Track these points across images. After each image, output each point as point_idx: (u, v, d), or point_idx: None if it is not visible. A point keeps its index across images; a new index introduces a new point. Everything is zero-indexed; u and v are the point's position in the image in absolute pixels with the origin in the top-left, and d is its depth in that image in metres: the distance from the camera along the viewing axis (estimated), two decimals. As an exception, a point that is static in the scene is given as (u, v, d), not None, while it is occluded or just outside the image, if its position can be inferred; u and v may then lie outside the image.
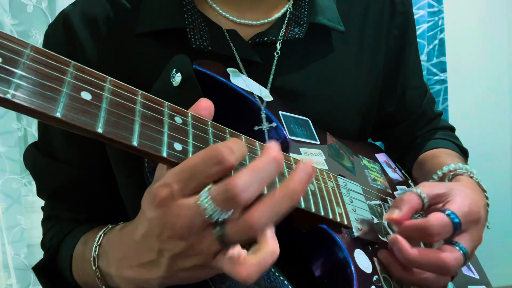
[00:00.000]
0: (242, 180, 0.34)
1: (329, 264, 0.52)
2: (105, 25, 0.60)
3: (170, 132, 0.38)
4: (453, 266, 0.49)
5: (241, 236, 0.36)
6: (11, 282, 1.40)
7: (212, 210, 0.35)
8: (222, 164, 0.35)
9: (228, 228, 0.35)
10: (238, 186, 0.34)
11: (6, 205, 1.42)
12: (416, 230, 0.49)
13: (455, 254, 0.49)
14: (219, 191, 0.35)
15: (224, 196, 0.34)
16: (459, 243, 0.50)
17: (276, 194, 0.36)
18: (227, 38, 0.59)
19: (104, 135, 0.34)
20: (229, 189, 0.34)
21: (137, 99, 0.38)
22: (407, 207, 0.50)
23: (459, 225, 0.49)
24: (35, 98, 0.31)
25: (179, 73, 0.49)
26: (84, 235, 0.59)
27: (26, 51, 0.32)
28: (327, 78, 0.65)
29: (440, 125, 0.81)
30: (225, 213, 0.35)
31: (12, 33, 1.41)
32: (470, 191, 0.54)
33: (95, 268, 0.49)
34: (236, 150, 0.36)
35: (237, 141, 0.37)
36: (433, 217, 0.49)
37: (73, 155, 0.63)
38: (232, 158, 0.35)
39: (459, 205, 0.51)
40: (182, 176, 0.36)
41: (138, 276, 0.41)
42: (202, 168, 0.35)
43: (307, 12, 0.63)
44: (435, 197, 0.52)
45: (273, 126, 0.55)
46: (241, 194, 0.34)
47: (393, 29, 0.72)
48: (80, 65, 0.35)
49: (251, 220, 0.35)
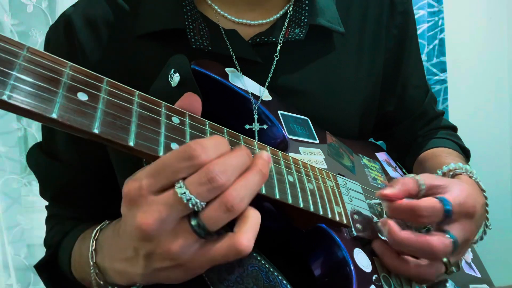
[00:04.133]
0: (217, 164, 0.35)
1: (329, 264, 0.51)
2: (105, 27, 0.61)
3: (167, 133, 0.38)
4: (440, 250, 0.49)
5: (221, 219, 0.35)
6: (11, 282, 1.40)
7: (189, 198, 0.34)
8: (192, 160, 0.35)
9: (206, 214, 0.35)
10: (214, 170, 0.34)
11: (6, 205, 1.42)
12: (406, 210, 0.50)
13: (443, 239, 0.50)
14: (194, 178, 0.34)
15: (200, 180, 0.34)
16: (449, 231, 0.51)
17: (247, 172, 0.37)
18: (227, 38, 0.59)
19: (101, 136, 0.34)
20: (205, 173, 0.34)
21: (134, 100, 0.38)
22: (401, 187, 0.51)
23: (450, 212, 0.50)
24: (31, 99, 0.31)
25: (177, 73, 0.49)
26: (83, 233, 0.60)
27: (22, 53, 0.32)
28: (326, 78, 0.65)
29: (442, 124, 0.81)
30: (201, 200, 0.34)
31: (12, 33, 1.41)
32: (469, 187, 0.55)
33: (93, 263, 0.49)
34: (211, 147, 0.36)
35: (215, 138, 0.37)
36: (424, 199, 0.50)
37: (75, 156, 0.64)
38: (204, 155, 0.35)
39: (455, 195, 0.52)
40: (152, 172, 0.35)
41: (125, 269, 0.41)
42: (172, 163, 0.35)
43: (307, 13, 0.63)
44: (432, 187, 0.53)
45: (263, 128, 0.55)
46: (217, 176, 0.34)
47: (393, 28, 0.72)
48: (77, 66, 0.35)
49: (230, 198, 0.35)
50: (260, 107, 0.55)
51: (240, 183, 0.36)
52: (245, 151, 0.38)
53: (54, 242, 0.65)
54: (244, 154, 0.37)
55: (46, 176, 0.67)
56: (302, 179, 0.49)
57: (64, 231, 0.64)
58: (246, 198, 0.36)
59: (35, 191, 0.70)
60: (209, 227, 0.36)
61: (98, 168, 0.64)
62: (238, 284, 0.47)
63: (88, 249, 0.50)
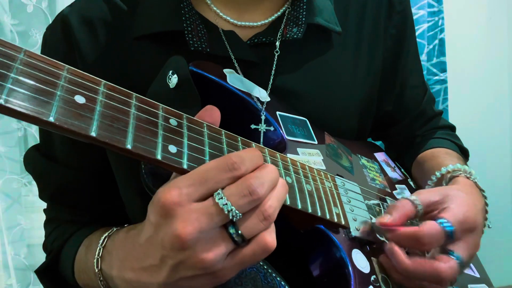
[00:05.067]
0: (257, 178, 0.37)
1: (327, 264, 0.52)
2: (102, 28, 0.60)
3: (164, 135, 0.38)
4: (448, 275, 0.49)
5: (259, 228, 0.38)
6: (11, 282, 1.41)
7: (230, 209, 0.36)
8: (233, 172, 0.37)
9: (245, 224, 0.37)
10: (255, 183, 0.37)
11: (6, 205, 1.42)
12: (408, 238, 0.50)
13: (449, 263, 0.49)
14: (235, 190, 0.36)
15: (242, 193, 0.36)
16: (453, 252, 0.50)
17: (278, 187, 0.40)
18: (225, 39, 0.59)
19: (98, 139, 0.34)
20: (246, 186, 0.36)
21: (132, 102, 0.37)
22: (399, 213, 0.51)
23: (452, 234, 0.50)
24: (28, 103, 0.31)
25: (175, 74, 0.49)
26: (87, 238, 0.59)
27: (19, 56, 0.32)
28: (324, 78, 0.65)
29: (440, 124, 0.81)
30: (240, 211, 0.36)
31: (12, 33, 1.41)
32: (466, 197, 0.54)
33: (98, 270, 0.49)
34: (248, 159, 0.38)
35: (251, 151, 0.39)
36: (425, 225, 0.49)
37: (73, 157, 0.63)
38: (243, 167, 0.37)
39: (454, 213, 0.51)
40: (193, 181, 0.36)
41: (139, 279, 0.41)
42: (214, 174, 0.37)
43: (305, 12, 0.63)
44: (430, 205, 0.52)
45: (270, 129, 0.55)
46: (257, 189, 0.37)
47: (391, 28, 0.72)
48: (74, 69, 0.35)
49: (268, 209, 0.38)
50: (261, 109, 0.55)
51: (273, 195, 0.39)
52: (274, 167, 0.40)
53: (55, 247, 0.64)
54: (275, 169, 0.40)
55: (44, 177, 0.66)
56: (300, 180, 0.49)
57: (65, 237, 0.64)
58: (278, 208, 0.39)
59: (35, 191, 0.69)
60: (246, 235, 0.37)
61: (97, 169, 0.64)
62: (237, 286, 0.47)
63: (94, 256, 0.50)
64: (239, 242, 0.37)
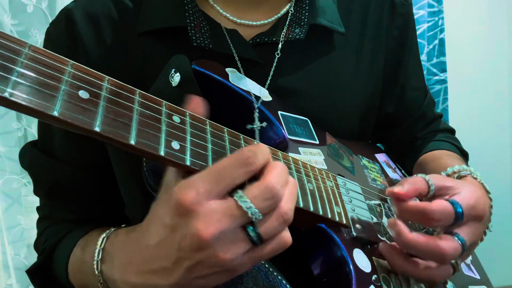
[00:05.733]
0: (275, 178, 0.37)
1: (328, 264, 0.51)
2: (106, 23, 0.61)
3: (168, 131, 0.38)
4: (450, 254, 0.48)
5: (277, 230, 0.38)
6: (11, 282, 1.40)
7: (254, 212, 0.36)
8: (249, 166, 0.37)
9: (265, 225, 0.37)
10: (276, 186, 0.37)
11: (6, 205, 1.42)
12: (417, 211, 0.49)
13: (453, 243, 0.49)
14: (257, 191, 0.36)
15: (265, 196, 0.36)
16: (458, 234, 0.50)
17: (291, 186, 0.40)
18: (228, 37, 0.59)
19: (102, 134, 0.34)
20: (270, 189, 0.36)
21: (135, 98, 0.38)
22: (411, 186, 0.50)
23: (461, 215, 0.49)
24: (32, 96, 0.31)
25: (178, 73, 0.49)
26: (82, 239, 0.58)
27: (25, 50, 0.32)
28: (327, 79, 0.65)
29: (440, 127, 0.81)
30: (261, 212, 0.36)
31: (12, 33, 1.41)
32: (477, 189, 0.54)
33: (98, 273, 0.48)
34: (260, 154, 0.38)
35: (259, 146, 0.39)
36: (436, 202, 0.49)
37: (73, 154, 0.63)
38: (257, 162, 0.37)
39: (466, 197, 0.51)
40: (210, 179, 0.36)
41: (146, 282, 0.40)
42: (230, 170, 0.36)
43: (307, 13, 0.63)
44: (442, 188, 0.52)
45: (263, 126, 0.55)
46: (279, 193, 0.37)
47: (393, 30, 0.72)
48: (78, 64, 0.35)
49: (287, 211, 0.38)
50: (260, 107, 0.55)
51: (288, 195, 0.39)
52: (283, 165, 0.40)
53: (47, 247, 0.63)
54: (286, 167, 0.40)
55: (41, 172, 0.66)
56: (301, 179, 0.49)
57: (58, 236, 0.63)
58: (293, 208, 0.39)
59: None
60: (265, 236, 0.37)
61: (96, 167, 0.63)
62: (237, 284, 0.47)
63: (92, 257, 0.49)
64: (258, 243, 0.37)
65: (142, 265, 0.40)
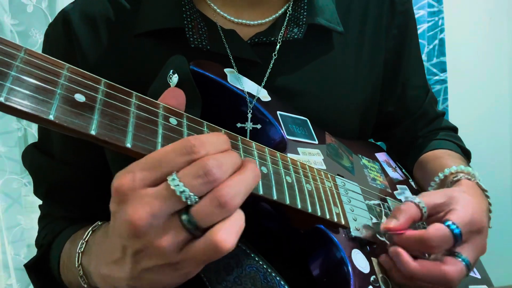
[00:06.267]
0: (213, 159, 0.34)
1: (327, 264, 0.51)
2: (104, 25, 0.61)
3: (164, 134, 0.38)
4: (455, 278, 0.48)
5: (213, 214, 0.33)
6: (11, 282, 1.40)
7: (182, 190, 0.32)
8: (191, 155, 0.34)
9: (197, 209, 0.33)
10: (210, 163, 0.33)
11: (6, 205, 1.42)
12: (415, 241, 0.49)
13: (457, 266, 0.49)
14: (188, 170, 0.33)
15: (195, 173, 0.33)
16: (461, 254, 0.49)
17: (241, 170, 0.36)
18: (225, 38, 0.59)
19: (97, 137, 0.34)
20: (201, 166, 0.33)
21: (131, 101, 0.38)
22: (404, 217, 0.50)
23: (460, 236, 0.49)
24: (28, 101, 0.31)
25: (176, 73, 0.49)
26: (74, 234, 0.59)
27: (20, 54, 0.32)
28: (326, 78, 0.65)
29: (442, 125, 0.81)
30: (194, 193, 0.33)
31: (12, 33, 1.41)
32: (472, 199, 0.53)
33: (78, 265, 0.48)
34: (210, 143, 0.35)
35: (214, 135, 0.36)
36: (432, 228, 0.48)
37: (71, 154, 0.64)
38: (203, 151, 0.34)
39: (461, 215, 0.50)
40: (147, 165, 0.34)
41: (110, 274, 0.39)
42: (169, 157, 0.34)
43: (306, 13, 0.63)
44: (435, 207, 0.52)
45: (257, 128, 0.55)
46: (212, 170, 0.33)
47: (393, 29, 0.72)
48: (74, 67, 0.35)
49: (224, 193, 0.33)
50: (258, 106, 0.55)
51: (234, 179, 0.34)
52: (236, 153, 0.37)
53: (45, 243, 0.64)
54: (237, 154, 0.36)
55: (40, 173, 0.66)
56: (300, 180, 0.49)
57: (55, 232, 0.63)
58: (240, 196, 0.34)
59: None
60: (199, 223, 0.34)
61: (94, 167, 0.64)
62: (236, 285, 0.47)
63: (76, 250, 0.49)
64: (191, 230, 0.34)
65: (107, 256, 0.39)
